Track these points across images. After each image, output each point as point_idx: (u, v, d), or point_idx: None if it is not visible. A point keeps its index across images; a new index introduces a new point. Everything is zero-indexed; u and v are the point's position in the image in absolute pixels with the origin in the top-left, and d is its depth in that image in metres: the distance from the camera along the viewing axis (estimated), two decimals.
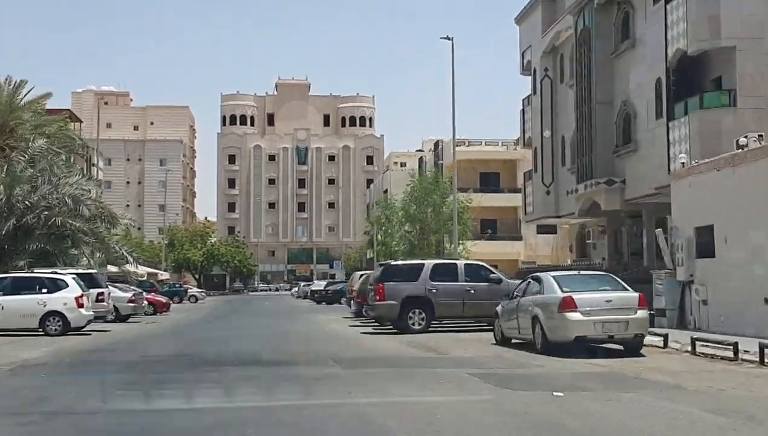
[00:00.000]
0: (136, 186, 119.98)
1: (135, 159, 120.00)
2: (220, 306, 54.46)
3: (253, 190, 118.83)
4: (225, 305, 55.93)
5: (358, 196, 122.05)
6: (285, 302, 62.20)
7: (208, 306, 55.08)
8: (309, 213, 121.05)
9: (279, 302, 61.94)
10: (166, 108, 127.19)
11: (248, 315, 39.84)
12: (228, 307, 52.68)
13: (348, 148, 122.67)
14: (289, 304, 59.35)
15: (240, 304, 59.30)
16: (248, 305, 55.52)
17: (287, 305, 55.60)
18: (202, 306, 55.86)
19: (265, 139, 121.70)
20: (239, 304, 59.28)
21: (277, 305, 55.92)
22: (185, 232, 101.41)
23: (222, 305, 57.40)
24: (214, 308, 50.32)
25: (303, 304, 59.42)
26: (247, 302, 63.21)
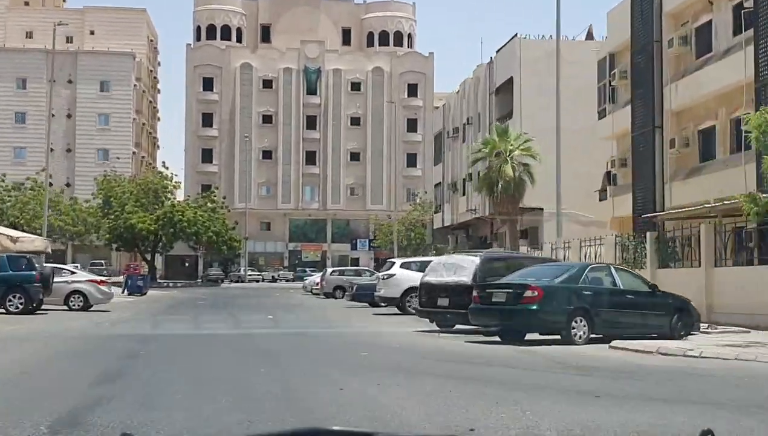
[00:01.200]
0: (64, 121, 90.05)
1: (63, 81, 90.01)
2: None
3: (239, 132, 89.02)
4: (140, 324, 25.90)
5: (396, 143, 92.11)
6: (313, 311, 32.51)
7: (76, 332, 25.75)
8: (321, 167, 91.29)
9: (295, 307, 32.58)
10: (113, 10, 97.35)
11: None
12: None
13: (380, 72, 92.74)
14: (322, 313, 29.57)
15: (198, 314, 29.63)
16: (218, 318, 26.12)
17: (329, 317, 26.08)
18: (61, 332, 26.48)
19: (257, 56, 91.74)
20: (197, 314, 29.60)
21: (291, 314, 26.68)
22: (129, 185, 71.52)
23: (138, 318, 27.88)
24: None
25: (339, 310, 29.93)
26: (218, 308, 33.81)
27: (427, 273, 19.45)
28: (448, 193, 56.05)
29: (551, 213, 41.61)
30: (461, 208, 52.31)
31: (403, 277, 26.89)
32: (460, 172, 52.63)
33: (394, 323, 22.28)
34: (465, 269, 18.45)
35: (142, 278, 50.93)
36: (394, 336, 17.83)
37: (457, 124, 53.15)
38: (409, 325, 21.00)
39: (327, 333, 19.71)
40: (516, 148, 38.27)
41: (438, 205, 59.62)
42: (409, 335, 18.12)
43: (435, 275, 19.24)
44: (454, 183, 54.00)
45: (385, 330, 19.75)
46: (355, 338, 17.71)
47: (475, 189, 40.78)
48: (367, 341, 16.63)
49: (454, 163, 54.16)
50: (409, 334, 18.41)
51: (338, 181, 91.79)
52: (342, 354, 14.33)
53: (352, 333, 19.44)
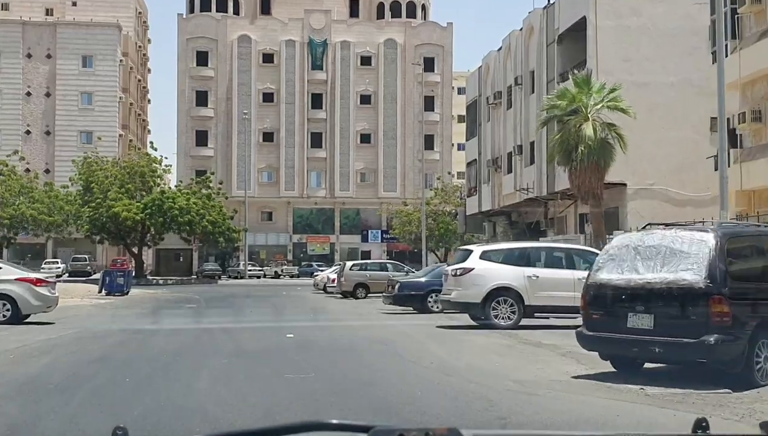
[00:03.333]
0: (42, 100, 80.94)
1: (41, 56, 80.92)
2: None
3: (237, 112, 80.00)
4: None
5: (410, 123, 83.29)
6: (349, 321, 23.02)
7: None
8: (328, 151, 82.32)
9: (317, 313, 23.50)
10: None
11: None
12: None
13: (393, 45, 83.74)
14: (375, 331, 19.89)
15: (176, 332, 20.20)
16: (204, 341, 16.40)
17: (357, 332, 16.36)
18: None
19: (257, 28, 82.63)
20: (176, 331, 20.25)
21: (322, 331, 17.12)
22: (113, 168, 62.60)
23: (79, 343, 18.32)
24: None
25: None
26: (210, 315, 24.82)
27: (602, 266, 10.26)
28: (485, 172, 47.14)
29: (638, 190, 32.78)
30: (506, 189, 43.42)
31: (486, 272, 18.02)
32: (504, 145, 43.71)
33: (516, 355, 13.24)
34: (687, 256, 9.36)
35: (122, 274, 42.06)
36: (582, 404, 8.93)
37: (500, 88, 44.20)
38: (548, 361, 12.08)
39: (430, 380, 10.82)
40: (601, 103, 29.36)
41: (472, 188, 50.69)
42: (590, 393, 9.22)
43: (619, 268, 10.04)
44: (495, 159, 45.07)
45: (526, 375, 10.75)
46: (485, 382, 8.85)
47: (551, 158, 31.83)
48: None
49: (496, 135, 45.23)
50: (589, 388, 9.52)
51: (347, 166, 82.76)
52: None
53: (465, 371, 10.57)
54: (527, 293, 17.87)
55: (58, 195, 64.60)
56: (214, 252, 77.14)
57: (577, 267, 18.25)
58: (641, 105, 30.64)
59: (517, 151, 40.90)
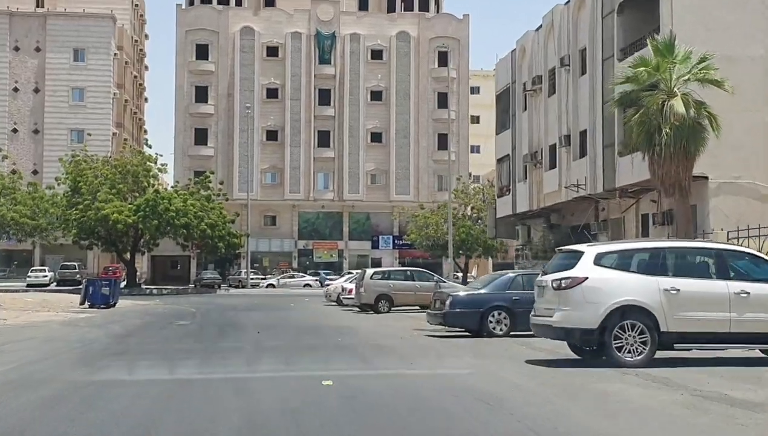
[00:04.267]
0: (30, 96, 75.49)
1: (29, 49, 75.51)
2: None
3: (239, 108, 74.56)
4: None
5: (424, 122, 77.92)
6: (400, 354, 16.88)
7: None
8: (337, 150, 76.86)
9: (346, 336, 17.54)
10: None
11: None
12: None
13: (406, 38, 78.33)
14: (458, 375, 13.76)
15: (153, 376, 13.77)
16: None
17: None
18: None
19: (260, 19, 77.21)
20: (153, 373, 13.81)
21: (375, 379, 11.06)
22: (103, 167, 57.22)
23: None
24: None
25: None
26: (205, 340, 18.57)
27: None
28: (521, 169, 41.60)
29: (721, 184, 27.25)
30: (547, 187, 37.87)
31: (605, 284, 12.49)
32: (546, 137, 38.17)
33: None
34: None
35: (108, 283, 36.53)
36: None
37: (540, 72, 38.69)
38: None
39: None
40: (688, 74, 23.89)
41: (503, 187, 45.11)
42: None
43: None
44: (534, 154, 39.51)
45: None
46: None
47: (630, 145, 26.36)
48: None
49: (535, 125, 39.70)
50: None
51: (356, 166, 77.20)
52: None
53: None
54: (664, 315, 12.35)
55: (43, 196, 59.03)
56: (213, 259, 71.60)
57: (730, 276, 12.74)
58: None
59: (564, 143, 35.35)
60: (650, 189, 30.34)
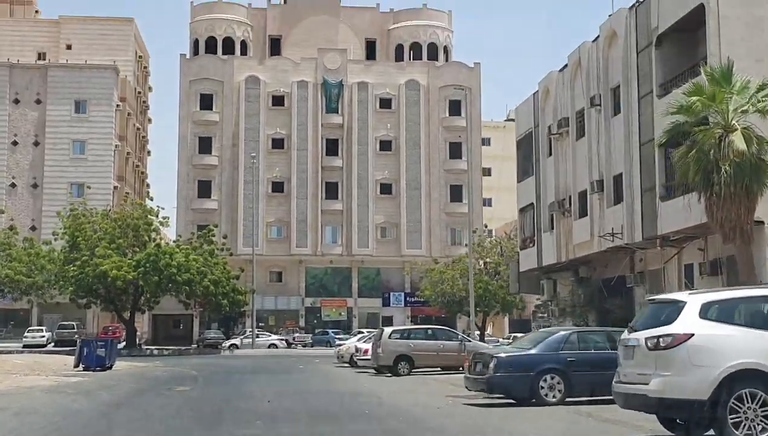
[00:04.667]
0: (30, 150, 73.47)
1: (30, 101, 73.74)
2: None
3: (243, 159, 72.46)
4: None
5: (435, 172, 75.77)
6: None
7: None
8: (345, 203, 74.52)
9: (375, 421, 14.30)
10: (93, 20, 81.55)
11: None
12: None
13: (415, 86, 76.52)
14: None
15: None
16: None
17: None
18: None
19: (266, 68, 75.52)
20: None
21: None
22: (102, 221, 54.83)
23: None
24: None
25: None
26: (204, 423, 15.32)
27: None
28: (546, 218, 39.02)
29: None
30: (577, 237, 35.24)
31: (716, 342, 9.93)
32: (575, 183, 35.64)
33: None
34: None
35: (103, 344, 34.10)
36: None
37: (566, 114, 36.33)
38: None
39: None
40: (749, 105, 21.49)
41: (527, 238, 42.46)
42: None
43: None
44: (562, 201, 36.94)
45: None
46: None
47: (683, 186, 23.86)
48: None
49: (561, 171, 37.22)
50: None
51: (366, 219, 74.70)
52: None
53: None
54: None
55: (39, 252, 56.50)
56: (217, 317, 68.83)
57: None
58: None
59: (596, 189, 32.79)
60: (695, 236, 27.77)
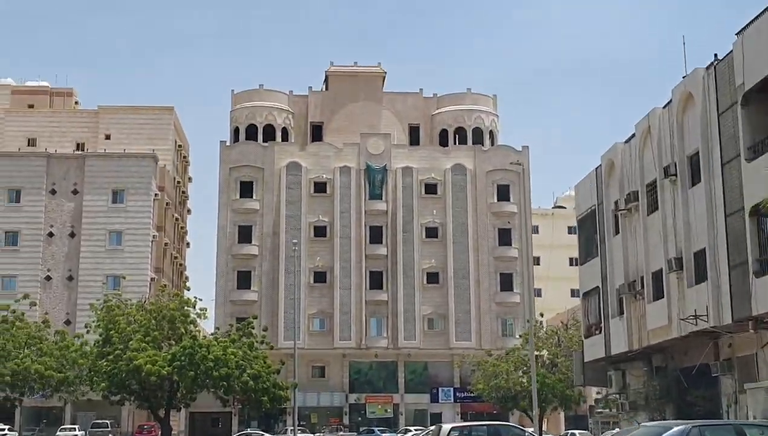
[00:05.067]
0: (66, 241, 72.00)
1: (66, 191, 72.63)
2: None
3: (284, 249, 70.27)
4: None
5: (484, 260, 72.89)
6: None
7: None
8: (390, 293, 71.75)
9: None
10: (132, 110, 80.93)
11: None
12: None
13: (462, 171, 74.41)
14: None
15: None
16: None
17: None
18: None
19: (308, 154, 73.97)
20: None
21: None
22: (137, 313, 52.48)
23: None
24: None
25: None
26: None
27: None
28: (614, 303, 35.82)
29: None
30: (653, 322, 31.95)
31: None
32: (647, 263, 32.54)
33: None
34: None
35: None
36: None
37: (635, 188, 33.50)
38: None
39: None
40: None
41: (592, 326, 39.16)
42: None
43: None
44: (632, 283, 33.81)
45: None
46: None
47: None
48: None
49: (632, 250, 34.19)
50: None
51: (412, 310, 71.61)
52: None
53: None
54: None
55: (70, 346, 54.07)
56: (257, 415, 65.57)
57: None
58: None
59: (674, 267, 29.65)
60: None
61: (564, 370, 53.77)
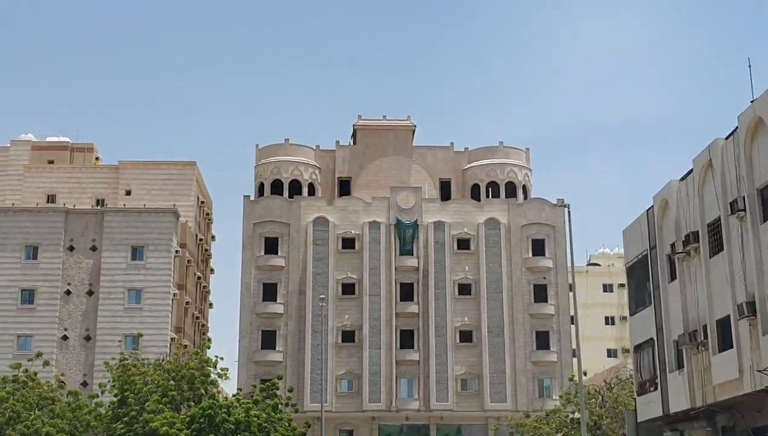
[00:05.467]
0: (83, 299, 69.71)
1: (84, 248, 70.57)
2: None
3: (311, 307, 67.61)
4: None
5: (519, 318, 69.80)
6: None
7: None
8: (422, 352, 68.70)
9: None
10: (154, 165, 79.17)
11: None
12: None
13: (495, 225, 71.63)
14: None
15: None
16: None
17: None
18: None
19: (335, 209, 71.66)
20: None
21: None
22: (154, 373, 49.98)
23: None
24: None
25: None
26: None
27: None
28: (673, 355, 32.73)
29: None
30: (719, 376, 28.85)
31: None
32: (711, 310, 29.56)
33: None
34: None
35: None
36: None
37: (695, 228, 30.66)
38: None
39: None
40: None
41: (646, 382, 35.98)
42: None
43: None
44: (693, 333, 30.77)
45: None
46: None
47: None
48: None
49: (691, 296, 31.24)
50: None
51: (444, 370, 68.27)
52: None
53: None
54: None
55: (83, 407, 51.32)
56: None
57: None
58: None
59: (746, 312, 26.70)
60: None
61: (609, 433, 50.45)
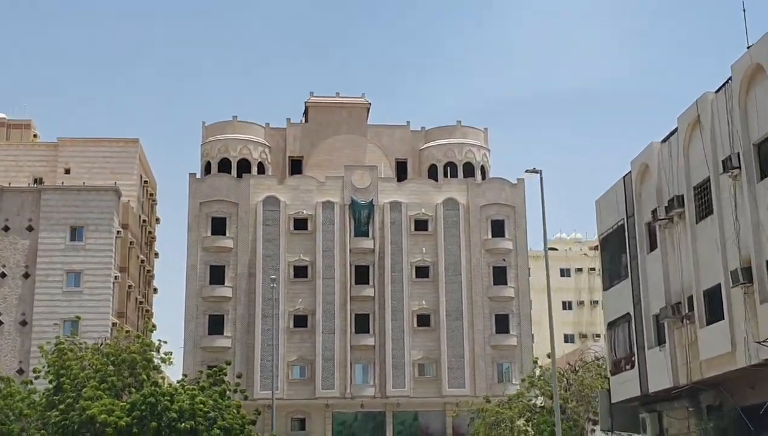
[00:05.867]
0: (19, 283, 65.88)
1: (20, 228, 66.72)
2: None
3: (261, 290, 64.74)
4: None
5: (479, 301, 67.60)
6: None
7: None
8: (377, 337, 66.21)
9: None
10: (94, 142, 75.48)
11: None
12: None
13: (454, 205, 69.37)
14: None
15: None
16: None
17: None
18: None
19: (286, 188, 68.74)
20: None
21: None
22: (92, 357, 46.77)
23: None
24: None
25: None
26: None
27: None
28: (653, 330, 30.58)
29: None
30: (706, 351, 26.70)
31: None
32: (698, 279, 27.38)
33: None
34: None
35: None
36: None
37: (679, 191, 28.46)
38: None
39: None
40: None
41: (621, 360, 33.81)
42: None
43: None
44: (677, 305, 28.62)
45: None
46: None
47: None
48: None
49: (673, 266, 29.07)
50: None
51: (401, 356, 65.93)
52: None
53: None
54: None
55: (15, 395, 47.85)
56: None
57: None
58: None
59: (740, 279, 24.51)
60: None
61: (575, 417, 48.49)
